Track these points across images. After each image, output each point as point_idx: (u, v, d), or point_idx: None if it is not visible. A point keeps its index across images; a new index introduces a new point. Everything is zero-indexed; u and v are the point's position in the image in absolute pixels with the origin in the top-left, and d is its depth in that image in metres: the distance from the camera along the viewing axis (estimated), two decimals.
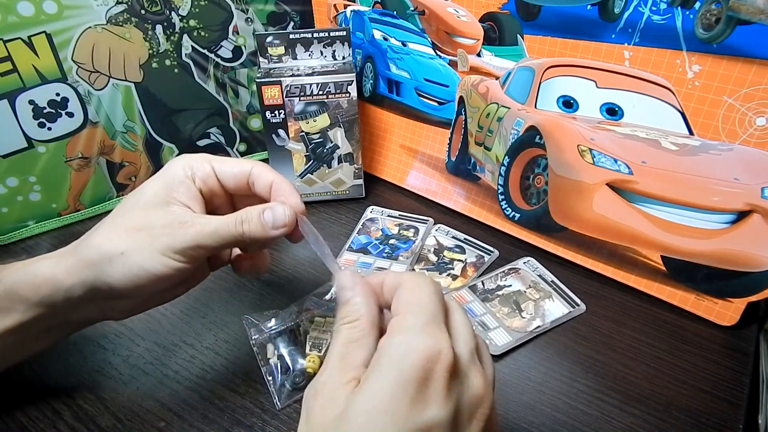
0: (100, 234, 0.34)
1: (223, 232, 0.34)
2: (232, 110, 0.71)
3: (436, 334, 0.24)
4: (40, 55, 0.55)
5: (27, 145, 0.58)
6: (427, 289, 0.27)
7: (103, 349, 0.46)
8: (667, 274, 0.49)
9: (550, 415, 0.40)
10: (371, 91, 0.67)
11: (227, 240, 0.34)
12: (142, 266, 0.33)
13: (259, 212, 0.35)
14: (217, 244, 0.34)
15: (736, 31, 0.40)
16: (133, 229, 0.34)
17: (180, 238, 0.33)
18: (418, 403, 0.23)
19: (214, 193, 0.38)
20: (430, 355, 0.23)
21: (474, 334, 0.27)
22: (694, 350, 0.46)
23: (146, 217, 0.34)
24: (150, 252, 0.33)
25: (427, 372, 0.23)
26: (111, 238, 0.34)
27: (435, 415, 0.23)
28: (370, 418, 0.23)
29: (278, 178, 0.38)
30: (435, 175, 0.65)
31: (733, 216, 0.44)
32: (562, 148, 0.51)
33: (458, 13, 0.56)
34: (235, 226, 0.34)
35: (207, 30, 0.65)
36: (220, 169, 0.37)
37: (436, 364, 0.23)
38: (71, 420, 0.40)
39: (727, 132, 0.43)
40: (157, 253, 0.33)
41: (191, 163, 0.37)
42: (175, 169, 0.36)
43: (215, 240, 0.34)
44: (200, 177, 0.37)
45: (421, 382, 0.23)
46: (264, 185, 0.38)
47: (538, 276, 0.53)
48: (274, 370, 0.42)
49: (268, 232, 0.35)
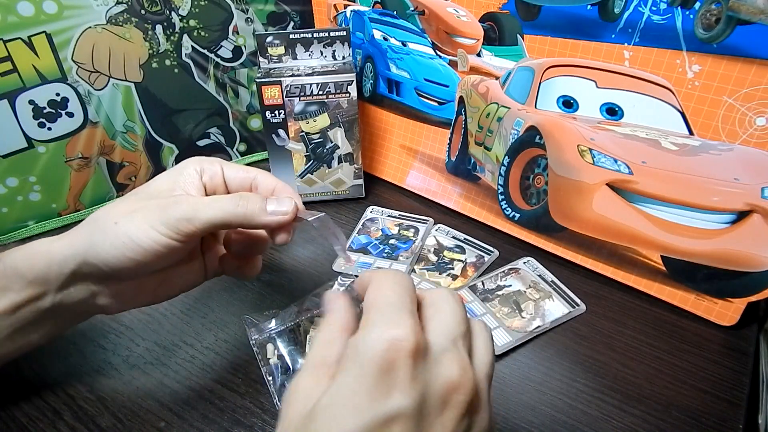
0: (101, 211, 0.36)
1: (218, 205, 0.34)
2: (232, 110, 0.71)
3: (399, 324, 0.24)
4: (40, 55, 0.55)
5: (27, 145, 0.58)
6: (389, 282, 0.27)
7: (103, 349, 0.46)
8: (667, 274, 0.49)
9: (550, 415, 0.40)
10: (371, 91, 0.67)
11: (221, 213, 0.34)
12: (130, 237, 0.33)
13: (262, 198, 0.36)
14: (210, 217, 0.34)
15: (736, 31, 0.40)
16: (132, 205, 0.35)
17: (171, 212, 0.34)
18: (380, 393, 0.22)
19: (218, 191, 0.39)
20: (390, 345, 0.23)
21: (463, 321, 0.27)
22: (694, 350, 0.46)
23: (149, 199, 0.36)
24: (140, 223, 0.34)
25: (389, 362, 0.23)
26: (109, 212, 0.35)
27: (398, 404, 0.22)
28: (333, 413, 0.23)
29: (281, 184, 0.39)
30: (435, 175, 0.65)
31: (733, 216, 0.44)
32: (562, 148, 0.51)
33: (458, 13, 0.56)
34: (232, 201, 0.35)
35: (207, 30, 0.65)
36: (227, 171, 0.39)
37: (398, 352, 0.23)
38: (71, 420, 0.40)
39: (727, 132, 0.43)
40: (146, 225, 0.33)
41: (202, 161, 0.39)
42: (185, 165, 0.38)
43: (207, 212, 0.34)
44: (208, 174, 0.38)
45: (383, 372, 0.23)
46: (266, 189, 0.39)
47: (538, 276, 0.53)
48: (274, 370, 0.42)
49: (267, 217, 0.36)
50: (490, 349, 0.28)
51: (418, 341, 0.23)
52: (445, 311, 0.27)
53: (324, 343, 0.27)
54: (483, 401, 0.25)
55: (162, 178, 0.38)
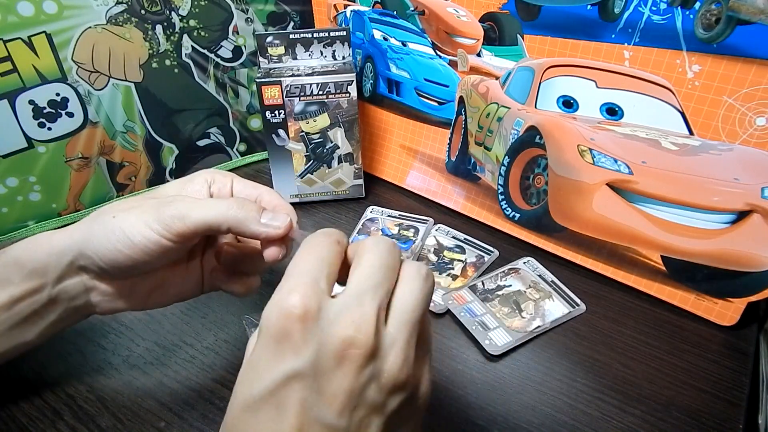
0: (105, 206, 0.36)
1: (210, 208, 0.34)
2: (232, 110, 0.71)
3: (294, 290, 0.25)
4: (40, 55, 0.55)
5: (27, 145, 0.58)
6: (312, 247, 0.28)
7: (103, 349, 0.46)
8: (667, 274, 0.49)
9: (550, 415, 0.40)
10: (371, 91, 0.67)
11: (213, 214, 0.34)
12: (124, 231, 0.34)
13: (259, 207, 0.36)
14: (203, 219, 0.34)
15: (736, 31, 0.40)
16: (135, 203, 0.36)
17: (165, 210, 0.34)
18: (276, 357, 0.25)
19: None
20: (280, 313, 0.25)
21: (378, 270, 0.26)
22: (694, 350, 0.46)
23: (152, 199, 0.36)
24: (135, 219, 0.34)
25: (282, 328, 0.25)
26: (112, 208, 0.36)
27: (291, 365, 0.24)
28: (243, 379, 0.26)
29: (282, 203, 0.38)
30: (435, 175, 0.65)
31: (733, 216, 0.44)
32: (562, 148, 0.51)
33: (458, 13, 0.56)
34: (227, 204, 0.34)
35: (207, 30, 0.65)
36: (236, 185, 0.40)
37: (287, 319, 0.24)
38: (71, 420, 0.40)
39: (727, 132, 0.43)
40: (140, 221, 0.34)
41: (216, 173, 0.40)
42: (197, 174, 0.39)
43: (199, 213, 0.34)
44: (217, 185, 0.39)
45: (279, 337, 0.25)
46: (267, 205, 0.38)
47: (538, 276, 0.53)
48: None
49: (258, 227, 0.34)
50: (414, 294, 0.27)
51: (306, 306, 0.25)
52: (362, 265, 0.27)
53: None
54: (384, 349, 0.25)
55: (171, 184, 0.39)
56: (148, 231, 0.34)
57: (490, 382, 0.43)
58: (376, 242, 0.28)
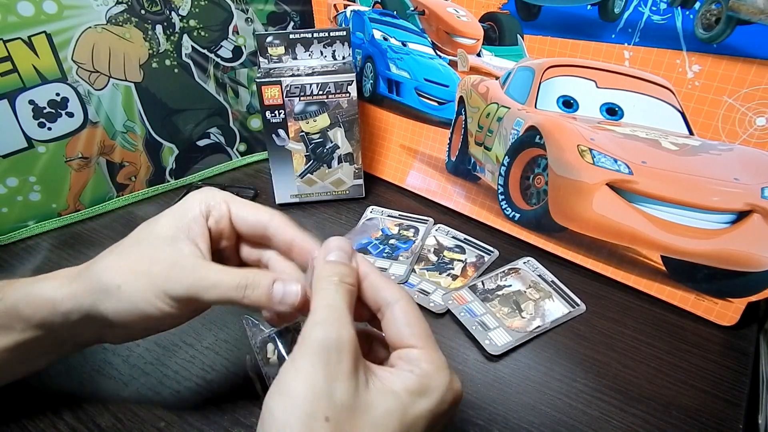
0: (104, 262, 0.34)
1: (222, 291, 0.33)
2: (232, 110, 0.71)
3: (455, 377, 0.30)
4: (40, 55, 0.55)
5: (27, 145, 0.58)
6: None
7: (103, 349, 0.46)
8: (667, 274, 0.49)
9: (550, 415, 0.40)
10: (371, 91, 0.67)
11: (225, 299, 0.33)
12: (135, 304, 0.32)
13: (269, 282, 0.33)
14: (213, 300, 0.33)
15: (736, 31, 0.40)
16: (135, 264, 0.33)
17: (175, 286, 0.32)
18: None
19: (224, 236, 0.37)
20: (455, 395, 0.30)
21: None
22: (694, 350, 0.46)
23: (151, 253, 0.34)
24: (144, 292, 0.32)
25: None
26: (111, 270, 0.33)
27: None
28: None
29: (299, 237, 0.35)
30: (435, 175, 0.65)
31: (733, 216, 0.44)
32: (562, 148, 0.51)
33: (458, 13, 0.56)
34: (236, 290, 0.33)
35: (207, 30, 0.65)
36: (236, 214, 0.36)
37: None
38: (71, 420, 0.40)
39: (727, 132, 0.43)
40: (151, 294, 0.32)
41: (208, 200, 0.36)
42: (190, 204, 0.36)
43: (211, 295, 0.32)
44: (214, 216, 0.36)
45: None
46: (283, 243, 0.36)
47: (538, 276, 0.53)
48: (274, 370, 0.42)
49: (273, 305, 0.33)
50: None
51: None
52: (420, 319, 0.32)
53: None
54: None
55: (166, 221, 0.35)
56: (159, 304, 0.32)
57: (490, 382, 0.43)
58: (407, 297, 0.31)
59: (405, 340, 0.30)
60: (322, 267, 0.31)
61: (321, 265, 0.31)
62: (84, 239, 0.61)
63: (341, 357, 0.27)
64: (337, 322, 0.28)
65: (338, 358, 0.26)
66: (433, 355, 0.29)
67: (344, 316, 0.28)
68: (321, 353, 0.26)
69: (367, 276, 0.32)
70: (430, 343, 0.30)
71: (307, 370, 0.26)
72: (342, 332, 0.27)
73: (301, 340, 0.28)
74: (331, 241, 0.32)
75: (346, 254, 0.32)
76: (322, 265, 0.31)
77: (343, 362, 0.26)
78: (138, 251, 0.34)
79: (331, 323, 0.28)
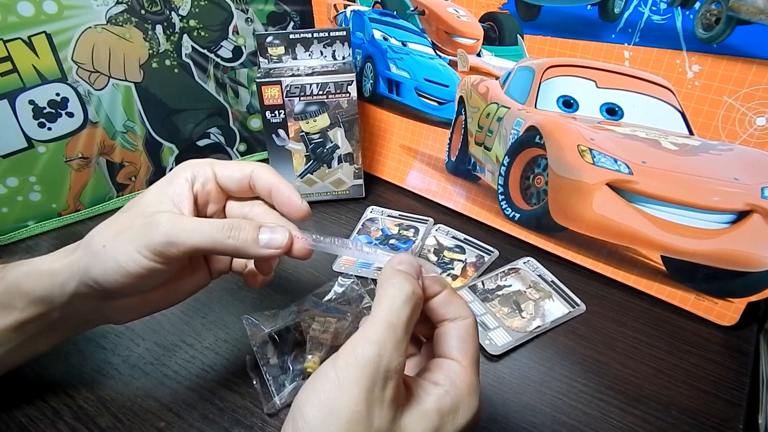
0: (95, 230, 0.35)
1: (205, 234, 0.33)
2: (232, 110, 0.71)
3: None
4: (40, 55, 0.55)
5: (27, 145, 0.58)
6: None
7: (103, 349, 0.46)
8: (667, 274, 0.49)
9: (550, 415, 0.40)
10: (371, 91, 0.67)
11: (208, 241, 0.33)
12: (116, 260, 0.33)
13: (255, 226, 0.34)
14: (196, 245, 0.33)
15: (736, 31, 0.40)
16: (120, 225, 0.34)
17: (155, 236, 0.32)
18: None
19: (211, 198, 0.37)
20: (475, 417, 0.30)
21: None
22: (694, 350, 0.46)
23: (135, 214, 0.34)
24: (125, 247, 0.33)
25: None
26: (100, 235, 0.34)
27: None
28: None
29: (278, 181, 0.37)
30: (435, 175, 0.65)
31: (733, 216, 0.44)
32: (562, 148, 0.51)
33: (458, 13, 0.56)
34: (222, 232, 0.33)
35: (207, 30, 0.65)
36: (221, 174, 0.37)
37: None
38: (71, 420, 0.40)
39: (727, 132, 0.43)
40: (131, 249, 0.33)
41: (194, 166, 0.37)
42: (176, 173, 0.37)
43: (193, 240, 0.32)
44: (200, 181, 0.37)
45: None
46: (264, 188, 0.37)
47: (538, 276, 0.53)
48: (274, 370, 0.42)
49: (259, 249, 0.34)
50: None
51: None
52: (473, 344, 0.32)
53: None
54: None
55: (152, 190, 0.36)
56: (140, 258, 0.32)
57: (490, 382, 0.43)
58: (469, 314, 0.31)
59: (453, 352, 0.29)
60: (392, 271, 0.29)
61: (391, 269, 0.30)
62: None
63: (387, 385, 0.26)
64: (392, 347, 0.26)
65: (384, 385, 0.26)
66: (472, 378, 0.29)
67: (402, 342, 0.27)
68: (369, 377, 0.26)
69: (439, 292, 0.31)
70: (474, 365, 0.30)
71: (353, 392, 0.25)
72: (393, 360, 0.26)
73: (352, 351, 0.26)
74: (402, 254, 0.31)
75: (415, 270, 0.30)
76: (393, 270, 0.29)
77: (387, 390, 0.26)
78: (125, 216, 0.35)
79: (386, 347, 0.26)
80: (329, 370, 0.26)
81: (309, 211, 0.37)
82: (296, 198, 0.37)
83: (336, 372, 0.26)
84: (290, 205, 0.37)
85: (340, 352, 0.27)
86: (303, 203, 0.37)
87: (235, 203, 0.39)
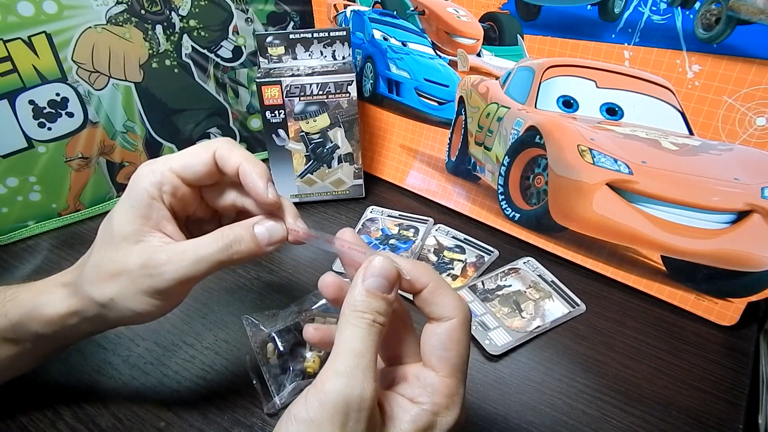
0: (87, 276, 0.33)
1: (209, 261, 0.32)
2: (232, 110, 0.71)
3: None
4: (40, 55, 0.55)
5: (27, 145, 0.58)
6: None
7: (103, 349, 0.46)
8: (667, 274, 0.49)
9: (550, 415, 0.40)
10: (371, 91, 0.67)
11: (215, 265, 0.32)
12: (133, 309, 0.33)
13: (249, 230, 0.33)
14: (204, 272, 0.32)
15: (736, 31, 0.40)
16: (114, 273, 0.32)
17: (161, 279, 0.32)
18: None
19: (188, 201, 0.35)
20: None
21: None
22: (694, 350, 0.46)
23: (122, 258, 0.32)
24: (135, 295, 0.32)
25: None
26: (98, 285, 0.33)
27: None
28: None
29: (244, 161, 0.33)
30: (435, 175, 0.65)
31: (733, 216, 0.44)
32: (562, 148, 0.51)
33: (458, 13, 0.56)
34: (222, 252, 0.32)
35: (207, 30, 0.65)
36: (183, 173, 0.33)
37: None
38: (71, 420, 0.40)
39: (727, 132, 0.43)
40: (142, 295, 0.32)
41: (154, 177, 0.33)
42: (139, 191, 0.33)
43: (200, 269, 0.32)
44: (167, 191, 0.33)
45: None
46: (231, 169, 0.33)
47: (538, 276, 0.53)
48: (274, 370, 0.42)
49: (263, 248, 0.33)
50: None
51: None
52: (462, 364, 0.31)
53: None
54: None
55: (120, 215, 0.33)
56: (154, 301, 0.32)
57: (490, 382, 0.43)
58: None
59: (432, 361, 0.28)
60: (357, 294, 0.27)
61: (357, 289, 0.27)
62: (84, 239, 0.61)
63: (360, 416, 0.25)
64: (362, 376, 0.25)
65: (357, 417, 0.25)
66: (452, 389, 0.28)
67: (370, 368, 0.26)
68: (340, 412, 0.25)
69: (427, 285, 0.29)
70: (457, 374, 0.28)
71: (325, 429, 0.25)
72: (365, 389, 0.25)
73: (321, 387, 0.25)
74: (376, 261, 0.28)
75: (389, 283, 0.28)
76: (359, 290, 0.27)
77: (361, 422, 0.25)
78: (110, 259, 0.33)
79: (355, 376, 0.25)
80: (300, 409, 0.25)
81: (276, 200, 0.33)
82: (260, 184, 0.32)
83: (308, 411, 0.25)
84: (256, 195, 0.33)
85: (311, 387, 0.26)
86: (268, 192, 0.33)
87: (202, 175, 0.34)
